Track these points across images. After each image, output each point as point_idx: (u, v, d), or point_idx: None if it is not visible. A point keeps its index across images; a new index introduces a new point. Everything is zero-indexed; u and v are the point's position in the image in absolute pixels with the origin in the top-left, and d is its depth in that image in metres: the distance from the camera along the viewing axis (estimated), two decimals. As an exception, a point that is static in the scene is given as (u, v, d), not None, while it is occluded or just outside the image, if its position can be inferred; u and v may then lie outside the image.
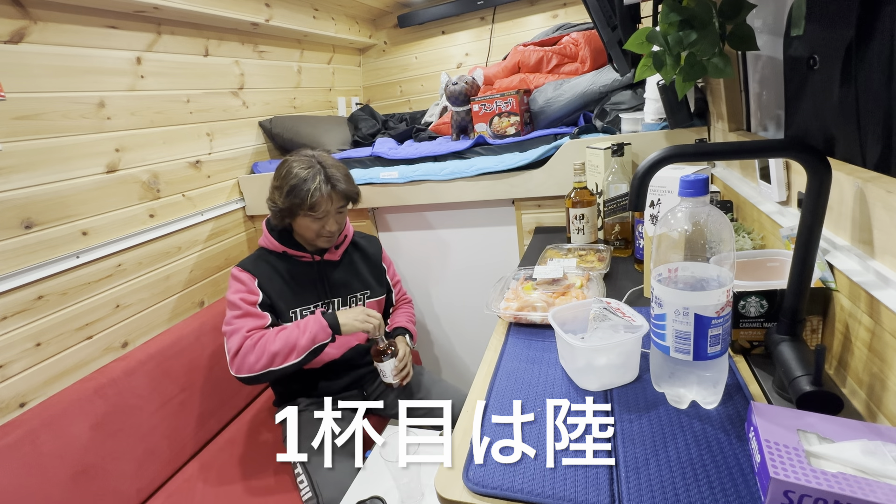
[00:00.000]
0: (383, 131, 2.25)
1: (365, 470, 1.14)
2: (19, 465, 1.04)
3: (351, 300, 1.39)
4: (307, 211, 1.22)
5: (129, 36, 1.47)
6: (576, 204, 1.26)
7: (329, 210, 1.24)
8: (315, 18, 2.19)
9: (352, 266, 1.40)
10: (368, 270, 1.44)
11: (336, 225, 1.28)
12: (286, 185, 1.20)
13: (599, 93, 1.64)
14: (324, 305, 1.34)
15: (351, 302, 1.39)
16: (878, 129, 0.64)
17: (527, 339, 0.92)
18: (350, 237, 1.42)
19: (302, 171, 1.21)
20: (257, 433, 1.49)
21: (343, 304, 1.37)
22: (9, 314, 1.15)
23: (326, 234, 1.28)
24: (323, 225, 1.26)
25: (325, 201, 1.22)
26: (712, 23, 0.76)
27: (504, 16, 2.46)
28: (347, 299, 1.38)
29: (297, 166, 1.22)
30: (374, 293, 1.43)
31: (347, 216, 1.38)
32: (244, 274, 1.26)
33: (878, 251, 0.58)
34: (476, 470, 0.61)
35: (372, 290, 1.43)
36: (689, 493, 0.53)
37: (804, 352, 0.62)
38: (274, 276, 1.28)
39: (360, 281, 1.41)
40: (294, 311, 1.30)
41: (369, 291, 1.42)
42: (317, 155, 1.27)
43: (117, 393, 1.27)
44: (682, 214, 0.60)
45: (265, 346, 1.17)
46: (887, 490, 0.43)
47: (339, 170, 1.26)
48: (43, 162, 1.23)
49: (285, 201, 1.20)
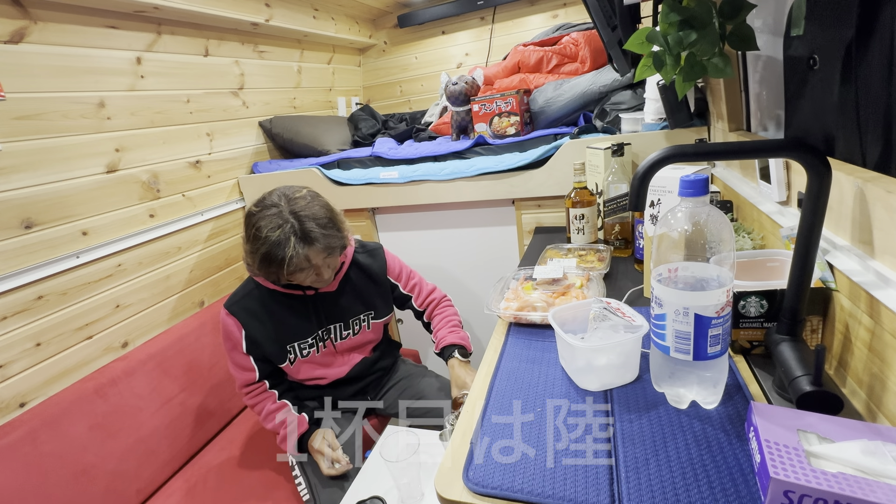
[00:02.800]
0: (383, 131, 2.25)
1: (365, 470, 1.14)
2: (19, 465, 1.05)
3: (353, 323, 1.29)
4: (286, 274, 1.06)
5: (129, 36, 1.47)
6: (576, 204, 1.26)
7: (314, 265, 1.09)
8: (315, 18, 2.19)
9: (353, 291, 1.28)
10: (373, 290, 1.31)
11: (329, 270, 1.14)
12: (258, 252, 1.04)
13: (599, 93, 1.64)
14: (323, 333, 1.26)
15: (353, 325, 1.29)
16: (878, 129, 0.64)
17: (527, 339, 0.92)
18: (349, 260, 1.27)
19: (272, 232, 1.02)
20: (257, 434, 1.49)
21: (345, 328, 1.28)
22: (9, 314, 1.15)
23: (318, 284, 1.17)
24: (308, 278, 1.12)
25: (305, 262, 1.06)
26: (712, 23, 0.76)
27: (504, 16, 2.46)
28: (349, 322, 1.29)
29: (266, 227, 1.02)
30: (378, 314, 1.33)
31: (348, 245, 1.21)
32: (230, 319, 1.17)
33: (878, 251, 0.58)
34: (476, 470, 0.61)
35: (377, 310, 1.33)
36: (689, 493, 0.53)
37: (804, 352, 0.62)
38: (264, 317, 1.18)
39: (363, 303, 1.30)
40: (291, 345, 1.22)
41: (374, 312, 1.32)
42: (286, 206, 1.05)
43: (117, 393, 1.27)
44: (682, 214, 0.60)
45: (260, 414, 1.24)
46: (887, 490, 0.43)
47: (315, 221, 1.05)
48: (43, 162, 1.23)
49: (261, 269, 1.07)
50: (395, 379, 1.48)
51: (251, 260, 1.08)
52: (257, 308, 1.19)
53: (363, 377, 1.38)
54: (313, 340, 1.25)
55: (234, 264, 1.88)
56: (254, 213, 1.06)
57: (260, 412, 1.24)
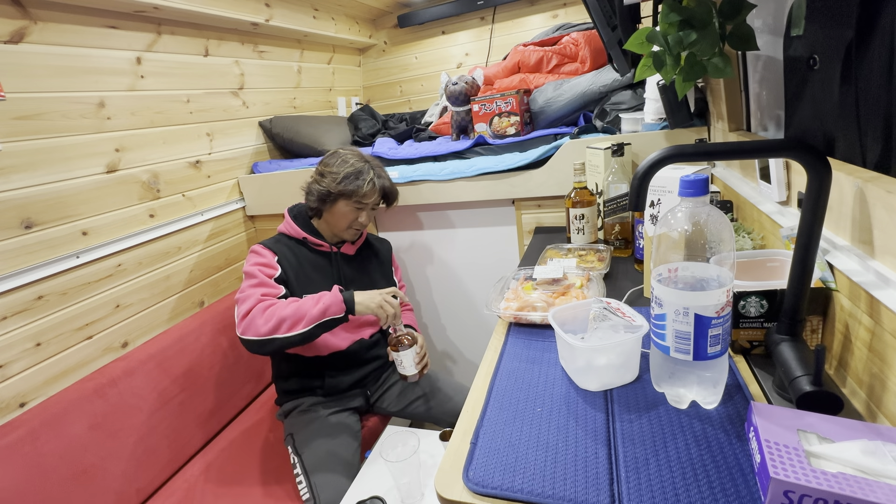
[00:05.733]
0: (383, 131, 2.25)
1: (365, 470, 1.14)
2: (19, 465, 1.04)
3: None
4: (355, 198, 1.29)
5: (129, 36, 1.47)
6: (576, 204, 1.26)
7: (370, 203, 1.33)
8: (315, 18, 2.19)
9: (365, 264, 1.45)
10: (379, 270, 1.48)
11: (368, 219, 1.36)
12: (342, 172, 1.28)
13: (599, 93, 1.64)
14: None
15: None
16: (878, 129, 0.64)
17: (527, 339, 0.92)
18: (365, 237, 1.48)
19: (357, 162, 1.31)
20: (257, 434, 1.49)
21: None
22: (9, 314, 1.15)
23: (357, 226, 1.35)
24: (358, 216, 1.33)
25: (373, 193, 1.32)
26: (712, 23, 0.76)
27: (504, 16, 2.46)
28: None
29: (353, 158, 1.32)
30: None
31: None
32: (266, 250, 1.30)
33: (878, 251, 0.58)
34: (476, 470, 0.61)
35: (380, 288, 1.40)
36: (689, 493, 0.53)
37: (804, 352, 0.62)
38: (292, 260, 1.32)
39: (371, 279, 1.44)
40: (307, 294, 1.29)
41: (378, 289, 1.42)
42: (366, 154, 1.38)
43: (117, 393, 1.27)
44: (682, 214, 0.60)
45: (275, 311, 1.16)
46: (887, 490, 0.43)
47: (383, 170, 1.38)
48: (43, 162, 1.23)
49: (338, 186, 1.27)
50: (395, 377, 1.48)
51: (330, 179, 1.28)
52: (286, 251, 1.33)
53: (361, 363, 1.40)
54: None
55: (235, 264, 1.88)
56: (340, 150, 1.35)
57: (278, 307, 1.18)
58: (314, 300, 1.19)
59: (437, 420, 1.40)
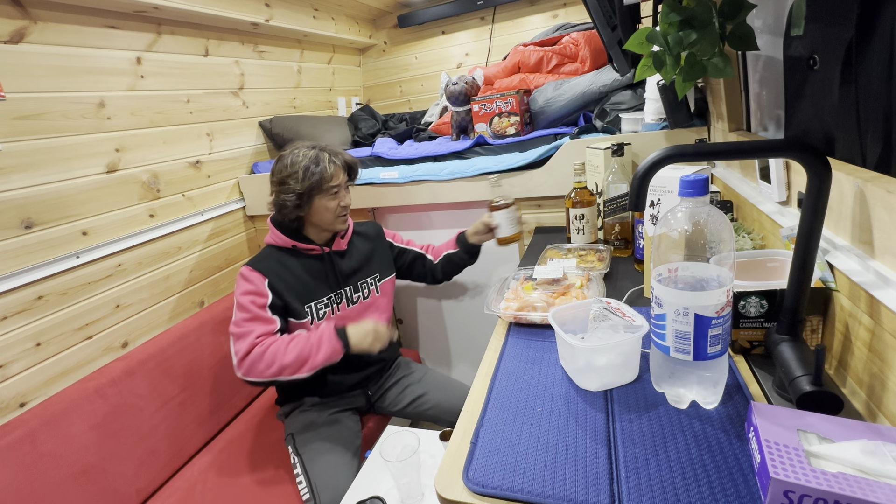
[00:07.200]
0: (383, 131, 2.25)
1: (365, 470, 1.14)
2: (19, 465, 1.04)
3: (362, 286, 1.41)
4: (325, 186, 1.26)
5: (129, 36, 1.47)
6: (576, 204, 1.26)
7: (341, 182, 1.30)
8: (315, 18, 2.19)
9: (359, 252, 1.43)
10: (375, 252, 1.47)
11: (349, 199, 1.35)
12: (299, 169, 1.24)
13: (599, 93, 1.64)
14: (336, 296, 1.35)
15: (362, 288, 1.41)
16: (878, 129, 0.64)
17: (527, 339, 0.92)
18: (352, 227, 1.46)
19: (308, 151, 1.27)
20: (257, 434, 1.49)
21: (354, 291, 1.39)
22: (9, 314, 1.15)
23: (343, 211, 1.33)
24: (339, 201, 1.30)
25: (339, 171, 1.30)
26: (712, 23, 0.76)
27: (504, 16, 2.46)
28: (358, 286, 1.40)
29: (301, 152, 1.27)
30: (384, 274, 1.46)
31: None
32: (254, 274, 1.25)
33: (878, 251, 0.58)
34: (476, 470, 0.61)
35: (382, 271, 1.46)
36: (689, 493, 0.53)
37: (804, 352, 0.62)
38: (284, 273, 1.28)
39: (369, 265, 1.44)
40: (308, 305, 1.30)
41: (379, 274, 1.45)
42: (308, 142, 1.33)
43: (117, 393, 1.27)
44: (682, 214, 0.60)
45: (275, 356, 1.16)
46: (887, 490, 0.43)
47: (333, 146, 1.34)
48: (43, 162, 1.23)
49: (305, 183, 1.24)
50: (395, 377, 1.48)
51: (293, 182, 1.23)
52: (277, 266, 1.29)
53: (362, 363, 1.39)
54: (328, 301, 1.34)
55: (235, 264, 1.88)
56: (285, 152, 1.29)
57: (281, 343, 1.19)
58: (313, 345, 1.19)
59: (437, 420, 1.40)
